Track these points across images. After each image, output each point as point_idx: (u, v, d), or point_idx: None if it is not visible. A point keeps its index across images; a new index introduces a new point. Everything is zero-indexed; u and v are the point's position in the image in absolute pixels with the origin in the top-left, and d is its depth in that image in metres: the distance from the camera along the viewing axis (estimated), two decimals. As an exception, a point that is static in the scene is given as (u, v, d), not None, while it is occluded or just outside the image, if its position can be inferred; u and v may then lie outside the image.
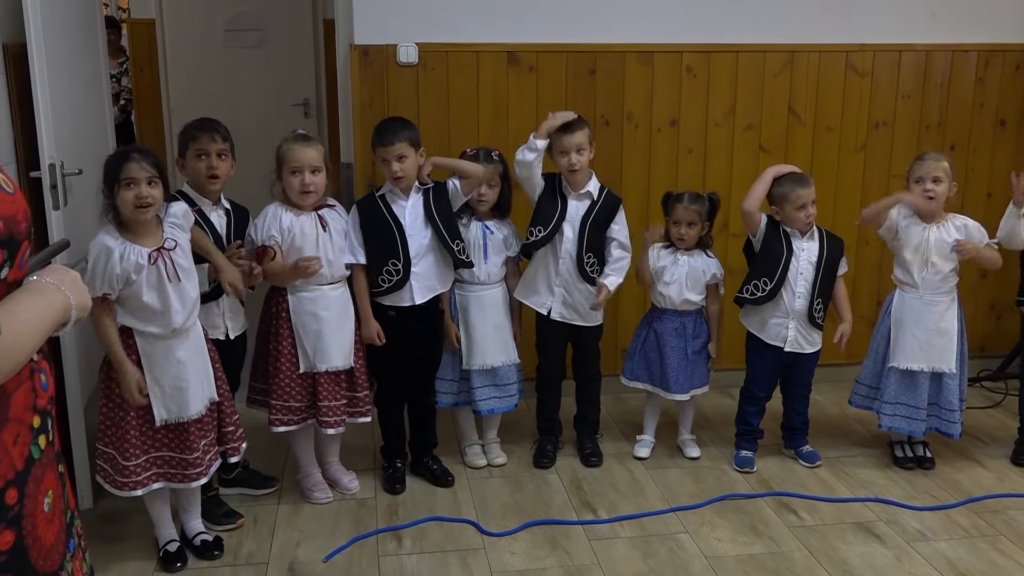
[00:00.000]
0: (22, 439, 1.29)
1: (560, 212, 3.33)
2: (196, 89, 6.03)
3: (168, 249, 2.64)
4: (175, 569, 2.80)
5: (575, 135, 3.28)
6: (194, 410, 2.71)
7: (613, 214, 3.39)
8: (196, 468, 2.74)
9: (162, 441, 2.72)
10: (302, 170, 2.99)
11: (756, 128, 4.05)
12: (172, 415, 2.69)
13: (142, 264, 2.58)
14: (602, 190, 3.40)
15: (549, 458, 3.52)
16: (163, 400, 2.67)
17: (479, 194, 3.28)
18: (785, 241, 3.36)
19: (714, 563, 2.86)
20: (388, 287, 3.16)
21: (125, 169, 2.56)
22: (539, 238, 3.33)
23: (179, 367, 2.67)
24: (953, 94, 4.15)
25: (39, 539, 1.32)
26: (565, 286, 3.39)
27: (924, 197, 3.32)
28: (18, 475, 1.28)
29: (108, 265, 2.56)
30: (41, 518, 1.33)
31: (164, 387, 2.66)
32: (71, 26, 3.23)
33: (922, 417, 3.41)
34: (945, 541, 3.00)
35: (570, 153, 3.27)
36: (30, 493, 1.30)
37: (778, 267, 3.34)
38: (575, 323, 3.44)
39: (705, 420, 3.88)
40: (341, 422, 3.15)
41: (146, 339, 2.65)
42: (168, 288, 2.61)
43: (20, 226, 1.28)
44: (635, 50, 3.90)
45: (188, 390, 2.69)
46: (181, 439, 2.72)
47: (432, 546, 2.96)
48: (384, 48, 3.74)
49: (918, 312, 3.37)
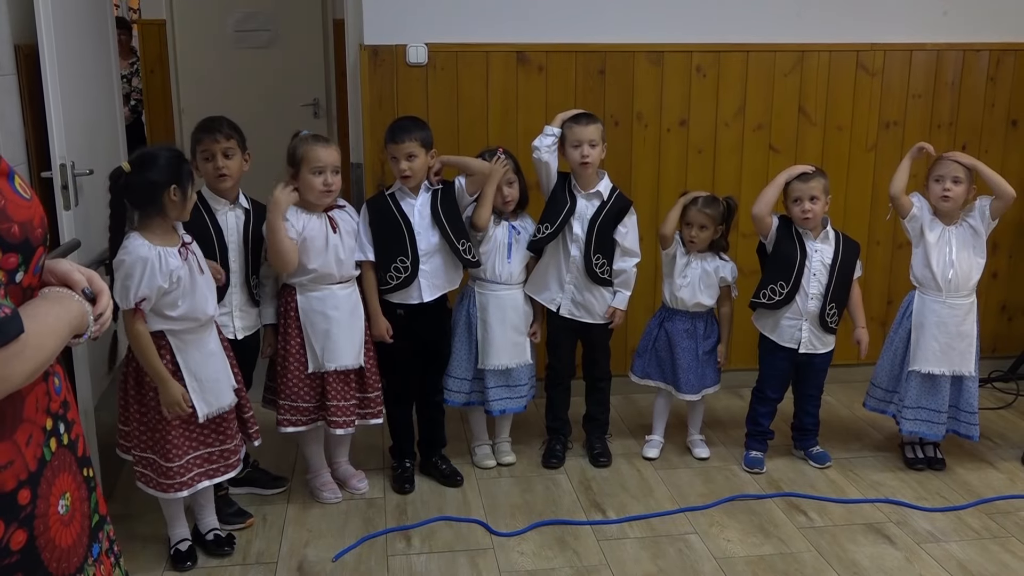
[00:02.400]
0: (35, 440, 1.30)
1: (568, 209, 3.33)
2: (206, 90, 6.03)
3: (188, 244, 2.69)
4: (185, 568, 2.81)
5: (588, 128, 3.29)
6: (228, 399, 2.78)
7: (622, 216, 3.39)
8: (236, 456, 2.82)
9: (200, 439, 2.76)
10: (324, 170, 3.00)
11: (766, 128, 4.04)
12: (212, 408, 2.73)
13: (178, 264, 2.61)
14: (613, 191, 3.40)
15: (558, 458, 3.52)
16: (202, 394, 2.71)
17: (504, 198, 3.30)
18: (799, 242, 3.35)
19: (723, 564, 2.85)
20: (396, 284, 3.16)
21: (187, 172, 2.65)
22: (546, 235, 3.33)
23: (212, 359, 2.74)
24: (964, 93, 4.13)
25: (52, 540, 1.33)
26: (575, 284, 3.39)
27: (940, 196, 3.30)
28: (31, 475, 1.28)
29: (145, 275, 2.55)
30: (55, 519, 1.33)
31: (202, 381, 2.71)
32: (82, 27, 3.24)
33: (943, 420, 3.39)
34: (956, 542, 2.99)
35: (583, 145, 3.27)
36: (43, 494, 1.31)
37: (792, 270, 3.33)
38: (584, 320, 3.44)
39: (715, 420, 3.87)
40: (351, 422, 3.16)
41: (179, 337, 2.67)
42: (199, 280, 2.67)
43: (36, 232, 1.29)
44: (645, 50, 3.89)
45: (222, 380, 2.76)
46: (220, 430, 2.78)
47: (441, 546, 2.96)
48: (394, 48, 3.75)
49: (940, 315, 3.35)
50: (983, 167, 3.29)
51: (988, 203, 3.32)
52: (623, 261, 3.42)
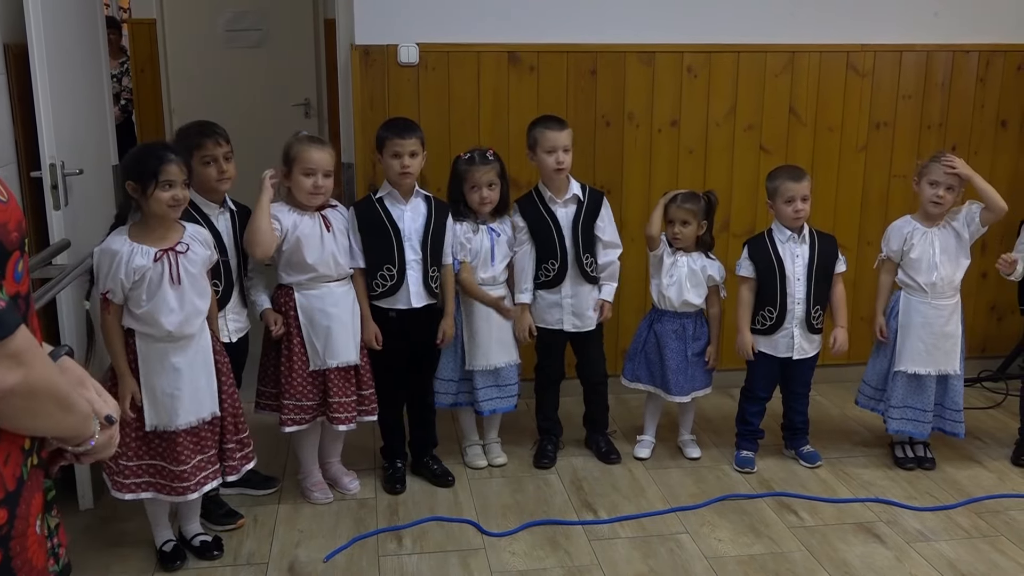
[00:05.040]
0: (13, 459, 1.26)
1: (557, 235, 3.34)
2: (197, 89, 6.02)
3: (178, 252, 2.64)
4: (174, 568, 2.80)
5: (562, 133, 3.29)
6: (183, 420, 2.67)
7: (598, 209, 3.40)
8: (183, 482, 2.69)
9: (155, 449, 2.71)
10: (315, 172, 3.00)
11: (757, 128, 4.04)
12: (161, 422, 2.67)
13: (146, 265, 2.58)
14: (584, 189, 3.40)
15: (549, 458, 3.52)
16: (154, 406, 2.66)
17: (482, 198, 3.28)
18: (775, 257, 3.35)
19: (714, 563, 2.86)
20: (383, 291, 3.16)
21: (165, 172, 2.56)
22: (553, 275, 3.37)
23: (174, 374, 2.65)
24: (954, 94, 4.15)
25: (29, 561, 1.30)
26: (573, 297, 3.41)
27: (932, 202, 3.31)
28: (8, 495, 1.25)
29: (112, 268, 2.57)
30: (32, 540, 1.30)
31: (156, 392, 2.65)
32: (72, 26, 3.23)
33: (928, 419, 3.41)
34: (946, 541, 3.00)
35: (557, 151, 3.27)
36: (21, 514, 1.27)
37: (776, 294, 3.35)
38: (584, 330, 3.46)
39: (706, 420, 3.87)
40: (352, 418, 3.16)
41: (144, 341, 2.65)
42: (167, 289, 2.60)
43: (11, 235, 1.23)
44: (636, 50, 3.90)
45: (180, 399, 2.66)
46: (170, 450, 2.69)
47: (432, 546, 2.96)
48: (385, 48, 3.74)
49: (925, 316, 3.36)
50: (978, 179, 3.27)
51: (978, 211, 3.33)
52: (606, 254, 3.43)
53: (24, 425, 1.25)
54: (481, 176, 3.25)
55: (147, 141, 2.71)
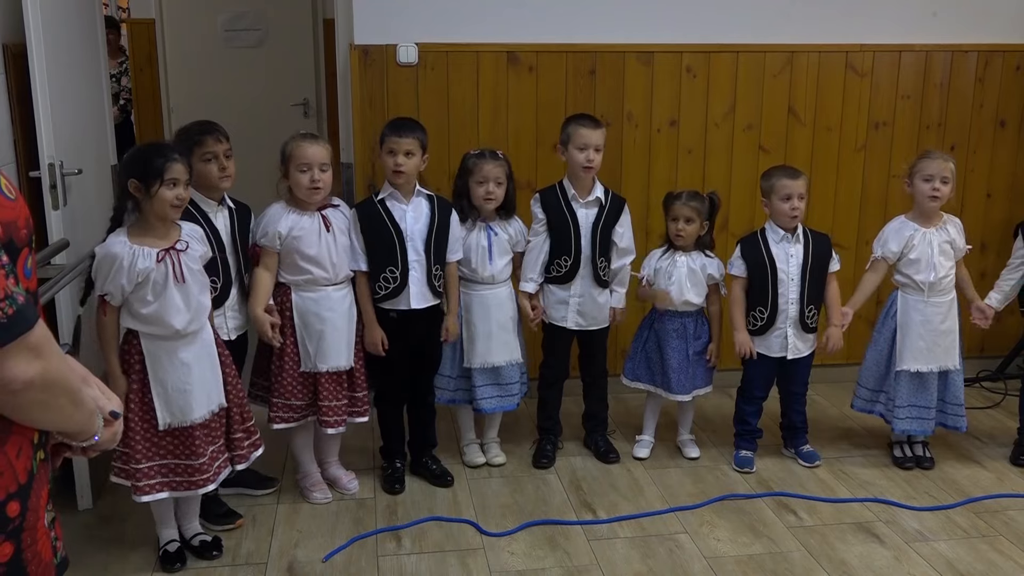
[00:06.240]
0: (24, 453, 1.28)
1: (575, 233, 3.34)
2: (196, 89, 6.03)
3: (179, 250, 2.64)
4: (174, 570, 2.80)
5: (596, 132, 3.30)
6: (198, 415, 2.70)
7: (619, 216, 3.41)
8: (203, 475, 2.72)
9: (167, 448, 2.71)
10: (311, 167, 3.00)
11: (756, 128, 4.05)
12: (176, 419, 2.68)
13: (149, 267, 2.59)
14: (607, 193, 3.41)
15: (548, 458, 3.52)
16: (166, 403, 2.67)
17: (487, 192, 3.28)
18: (768, 257, 3.35)
19: (713, 563, 2.86)
20: (386, 293, 3.16)
21: (170, 170, 2.57)
22: (564, 272, 3.37)
23: (183, 370, 2.67)
24: (953, 94, 4.15)
25: (39, 554, 1.31)
26: (581, 296, 3.41)
27: (929, 196, 3.32)
28: (21, 488, 1.27)
29: (112, 272, 2.57)
30: (42, 533, 1.32)
31: (168, 390, 2.66)
32: (71, 26, 3.23)
33: (932, 416, 3.43)
34: (944, 541, 3.00)
35: (589, 149, 3.28)
36: (32, 507, 1.29)
37: (768, 294, 3.35)
38: (589, 329, 3.46)
39: (705, 420, 3.88)
40: (342, 422, 3.16)
41: (151, 340, 2.65)
42: (172, 289, 2.61)
43: (20, 232, 1.26)
44: (635, 50, 3.90)
45: (192, 393, 2.68)
46: (186, 444, 2.71)
47: (431, 546, 2.96)
48: (384, 48, 3.74)
49: (924, 314, 3.38)
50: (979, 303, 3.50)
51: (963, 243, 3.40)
52: (620, 260, 3.44)
53: (36, 418, 1.27)
54: (490, 170, 3.25)
55: (147, 141, 2.70)
